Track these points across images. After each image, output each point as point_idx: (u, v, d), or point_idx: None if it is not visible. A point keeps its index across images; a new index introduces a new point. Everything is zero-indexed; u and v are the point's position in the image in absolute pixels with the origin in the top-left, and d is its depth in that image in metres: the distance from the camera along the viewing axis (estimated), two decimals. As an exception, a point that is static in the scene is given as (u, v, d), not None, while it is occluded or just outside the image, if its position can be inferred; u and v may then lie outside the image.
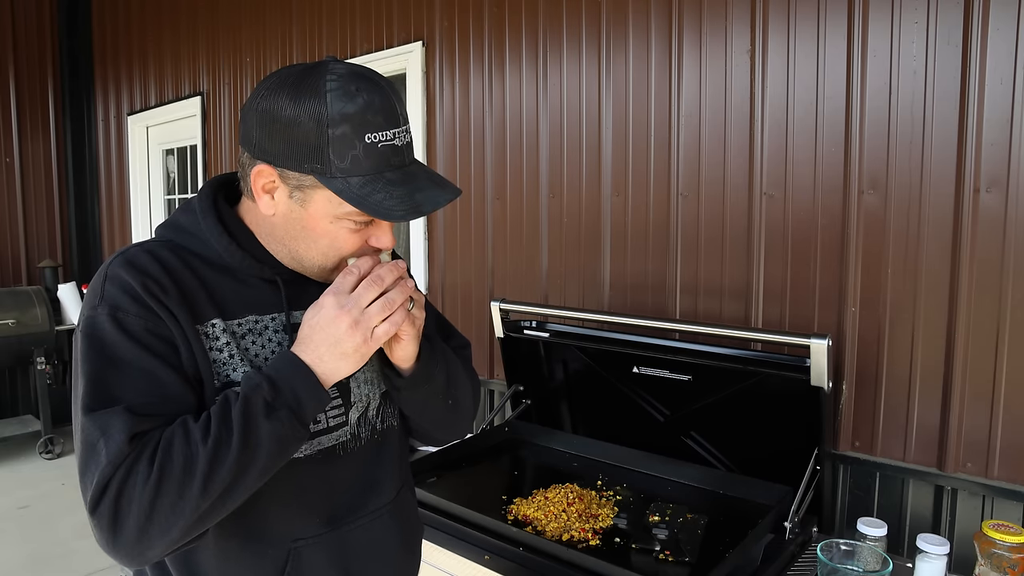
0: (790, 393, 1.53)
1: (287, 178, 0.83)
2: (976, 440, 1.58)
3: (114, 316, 0.80)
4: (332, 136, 0.79)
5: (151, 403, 0.79)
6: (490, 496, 1.71)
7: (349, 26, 3.05)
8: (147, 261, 0.84)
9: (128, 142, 4.75)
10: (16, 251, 4.89)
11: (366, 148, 0.80)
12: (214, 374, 0.84)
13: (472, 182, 2.59)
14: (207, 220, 0.89)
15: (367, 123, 0.80)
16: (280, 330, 0.91)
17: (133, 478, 0.74)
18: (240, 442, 0.76)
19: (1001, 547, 1.35)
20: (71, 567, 3.01)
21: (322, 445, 0.93)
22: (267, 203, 0.87)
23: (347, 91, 0.79)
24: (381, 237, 0.89)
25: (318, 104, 0.78)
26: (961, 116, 1.55)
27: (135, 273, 0.82)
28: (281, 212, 0.87)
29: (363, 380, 1.00)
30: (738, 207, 1.90)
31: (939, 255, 1.60)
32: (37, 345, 4.27)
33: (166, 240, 0.90)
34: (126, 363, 0.79)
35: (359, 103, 0.79)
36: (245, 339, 0.88)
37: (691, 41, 1.97)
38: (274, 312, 0.91)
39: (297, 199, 0.84)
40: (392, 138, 0.82)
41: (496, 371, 2.55)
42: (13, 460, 4.31)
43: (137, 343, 0.79)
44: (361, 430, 0.99)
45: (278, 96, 0.81)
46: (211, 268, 0.89)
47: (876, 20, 1.64)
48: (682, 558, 1.36)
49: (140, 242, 0.89)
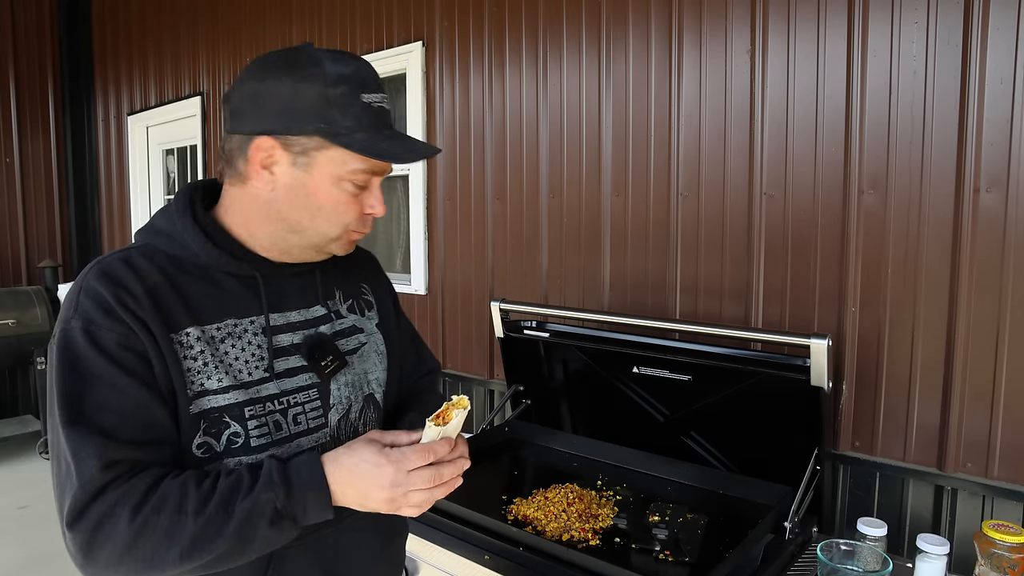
0: (790, 393, 1.53)
1: (290, 145, 0.85)
2: (976, 440, 1.58)
3: (87, 330, 0.79)
4: (334, 96, 0.83)
5: (123, 425, 0.79)
6: (490, 496, 1.70)
7: (349, 26, 3.05)
8: (121, 271, 0.84)
9: (128, 142, 4.75)
10: (16, 251, 4.89)
11: (364, 107, 0.85)
12: (187, 383, 0.84)
13: (472, 182, 2.59)
14: (184, 220, 0.90)
15: (362, 83, 0.86)
16: (259, 332, 0.91)
17: (115, 519, 0.75)
18: (234, 534, 0.78)
19: (1001, 547, 1.35)
20: (70, 568, 3.00)
21: (301, 447, 0.92)
22: (266, 179, 0.88)
23: (338, 58, 0.86)
24: (375, 204, 0.91)
25: (316, 70, 0.83)
26: (961, 116, 1.55)
27: (109, 285, 0.82)
28: (283, 184, 0.88)
29: (344, 383, 0.99)
30: (738, 207, 1.90)
31: (939, 255, 1.60)
32: (37, 345, 4.27)
33: (143, 244, 0.90)
34: (99, 380, 0.79)
35: (352, 67, 0.86)
36: (224, 343, 0.87)
37: (691, 41, 1.97)
38: (252, 315, 0.91)
39: (301, 164, 0.86)
40: (382, 101, 0.88)
41: (496, 371, 2.55)
42: (13, 460, 4.31)
43: (109, 359, 0.79)
44: (341, 432, 0.98)
45: (272, 72, 0.85)
46: (187, 272, 0.88)
47: (876, 20, 1.64)
48: (682, 558, 1.36)
49: (118, 250, 0.89)
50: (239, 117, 0.87)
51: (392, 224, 3.08)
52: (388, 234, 3.11)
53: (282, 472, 0.81)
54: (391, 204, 3.05)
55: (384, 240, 3.13)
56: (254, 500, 0.78)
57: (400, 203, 3.01)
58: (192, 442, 0.84)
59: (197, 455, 0.84)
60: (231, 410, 0.86)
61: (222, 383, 0.86)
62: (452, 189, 2.67)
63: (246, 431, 0.87)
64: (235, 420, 0.86)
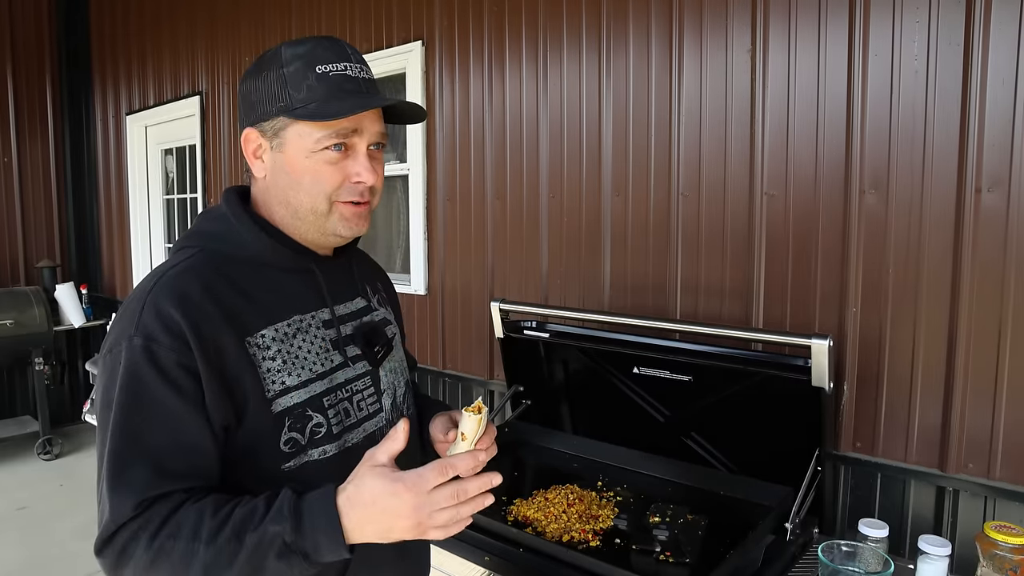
0: (791, 393, 1.53)
1: (264, 131, 0.91)
2: (978, 441, 1.57)
3: (148, 348, 0.81)
4: (287, 74, 0.88)
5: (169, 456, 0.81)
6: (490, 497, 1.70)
7: (348, 25, 3.04)
8: (187, 283, 0.85)
9: (127, 142, 4.75)
10: (14, 251, 4.89)
11: (318, 77, 0.88)
12: (265, 385, 0.86)
13: (472, 182, 2.58)
14: (241, 221, 0.93)
15: (317, 57, 0.89)
16: (321, 326, 0.96)
17: (136, 543, 0.78)
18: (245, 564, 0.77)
19: (1003, 548, 1.34)
20: (70, 568, 3.00)
21: (366, 431, 0.97)
22: (259, 168, 0.94)
23: (296, 42, 0.91)
24: (361, 172, 0.91)
25: (276, 58, 0.91)
26: (963, 116, 1.54)
27: (176, 302, 0.83)
28: (271, 168, 0.93)
29: (388, 369, 1.05)
30: (739, 207, 1.90)
31: (940, 255, 1.59)
32: (35, 345, 4.26)
33: (198, 250, 0.92)
34: (155, 404, 0.80)
35: (308, 45, 0.90)
36: (296, 339, 0.92)
37: (692, 40, 1.96)
38: (312, 309, 0.96)
39: (277, 146, 0.91)
40: (344, 68, 0.90)
41: (496, 371, 2.54)
42: (11, 461, 4.31)
43: (167, 380, 0.80)
44: (395, 415, 1.03)
45: (249, 73, 0.94)
46: (246, 272, 0.91)
47: (877, 20, 1.64)
48: (682, 559, 1.36)
49: (174, 262, 0.90)
50: (239, 121, 0.96)
51: (392, 224, 3.08)
52: (388, 234, 3.11)
53: (294, 506, 0.78)
54: (390, 204, 3.04)
55: (384, 240, 3.13)
56: (262, 532, 0.77)
57: (400, 203, 3.00)
58: (279, 440, 0.87)
59: (284, 451, 0.87)
60: (313, 402, 0.90)
61: (301, 378, 0.90)
62: (452, 189, 2.66)
63: (327, 420, 0.91)
64: (317, 411, 0.90)
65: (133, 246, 4.79)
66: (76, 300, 4.71)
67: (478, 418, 0.87)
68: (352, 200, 0.93)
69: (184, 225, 4.59)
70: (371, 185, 0.93)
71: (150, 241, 4.77)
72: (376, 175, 0.93)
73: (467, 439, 0.87)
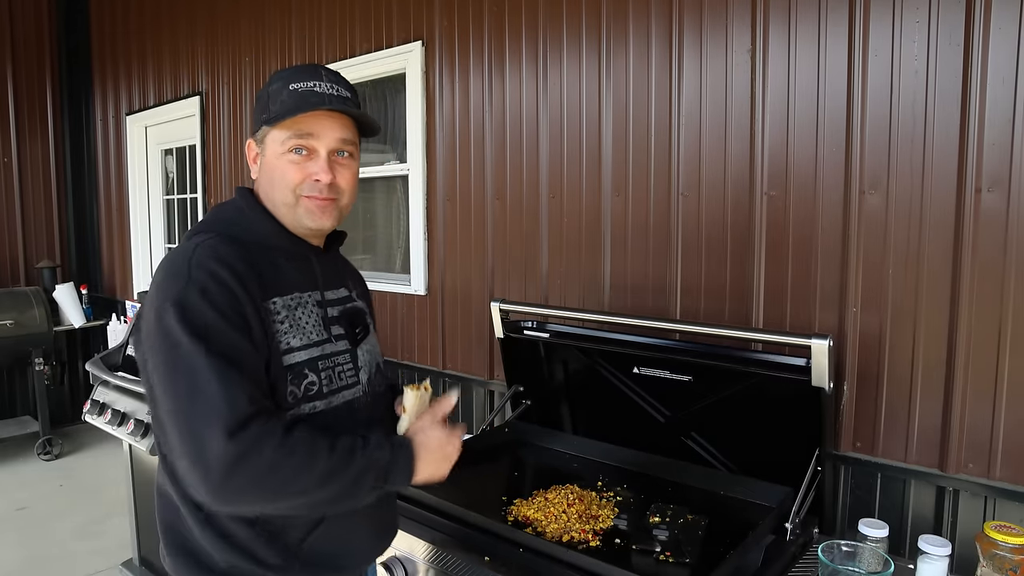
0: (791, 394, 1.52)
1: (257, 140, 1.13)
2: (978, 441, 1.57)
3: (204, 291, 0.95)
4: (270, 92, 1.10)
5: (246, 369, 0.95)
6: (490, 497, 1.70)
7: (348, 26, 3.04)
8: (224, 251, 1.01)
9: (127, 142, 4.75)
10: (14, 251, 4.89)
11: (289, 93, 1.07)
12: (279, 342, 1.03)
13: (472, 182, 2.58)
14: (254, 210, 1.11)
15: (293, 78, 1.09)
16: (315, 304, 1.12)
17: (260, 446, 0.90)
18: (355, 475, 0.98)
19: (1003, 548, 1.34)
20: (69, 568, 3.00)
21: (345, 399, 1.12)
22: (255, 170, 1.14)
23: (285, 69, 1.12)
24: (318, 172, 1.08)
25: (269, 83, 1.11)
26: (963, 116, 1.54)
27: (217, 262, 0.98)
28: (260, 169, 1.13)
29: (365, 350, 1.20)
30: (739, 207, 1.90)
31: (940, 255, 1.59)
32: (35, 346, 4.26)
33: (213, 233, 1.06)
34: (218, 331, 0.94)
35: (293, 70, 1.11)
36: (296, 311, 1.08)
37: (691, 40, 1.96)
38: (308, 290, 1.12)
39: (262, 150, 1.12)
40: (313, 86, 1.07)
41: (496, 371, 2.54)
42: (11, 461, 4.30)
43: (223, 316, 0.95)
44: (370, 389, 1.18)
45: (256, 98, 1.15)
46: (257, 254, 1.06)
47: (877, 19, 1.64)
48: (682, 559, 1.36)
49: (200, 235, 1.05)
50: None
51: (392, 224, 3.08)
52: (388, 234, 3.11)
53: (388, 441, 1.04)
54: (390, 204, 3.04)
55: (384, 240, 3.13)
56: (370, 454, 1.00)
57: (400, 203, 3.00)
58: (286, 390, 1.02)
59: (288, 401, 1.02)
60: (310, 364, 1.06)
61: (301, 342, 1.06)
62: (452, 189, 2.66)
63: (320, 380, 1.07)
64: (312, 371, 1.06)
65: (133, 246, 4.79)
66: (76, 300, 4.71)
67: (415, 393, 1.15)
68: (313, 195, 1.09)
69: (184, 225, 4.59)
70: (330, 183, 1.09)
71: (150, 241, 4.77)
72: (332, 175, 1.09)
73: (407, 412, 1.15)
